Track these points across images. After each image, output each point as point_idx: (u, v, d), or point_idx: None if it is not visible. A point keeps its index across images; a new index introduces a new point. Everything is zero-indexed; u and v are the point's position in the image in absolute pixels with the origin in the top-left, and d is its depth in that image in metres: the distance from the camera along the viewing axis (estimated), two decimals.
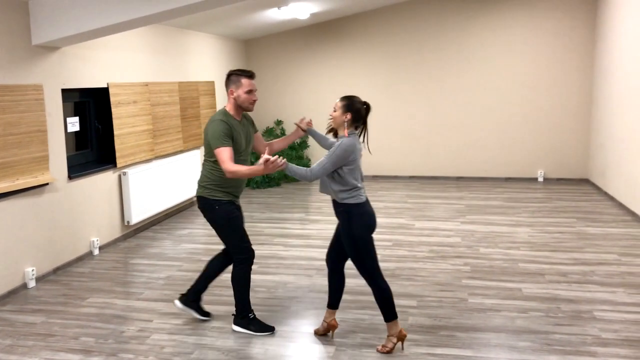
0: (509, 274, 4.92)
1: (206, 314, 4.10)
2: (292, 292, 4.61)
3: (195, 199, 4.52)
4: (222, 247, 3.99)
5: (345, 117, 3.39)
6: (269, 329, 3.87)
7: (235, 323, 3.90)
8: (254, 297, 4.44)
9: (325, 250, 5.60)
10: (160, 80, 7.03)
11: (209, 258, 5.47)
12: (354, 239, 3.42)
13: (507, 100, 9.09)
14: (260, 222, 6.92)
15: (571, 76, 8.89)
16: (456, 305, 4.29)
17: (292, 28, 9.57)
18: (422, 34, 9.23)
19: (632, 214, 6.77)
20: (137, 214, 6.38)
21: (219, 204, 3.71)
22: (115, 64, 6.15)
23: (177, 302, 4.06)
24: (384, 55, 9.44)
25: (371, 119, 3.54)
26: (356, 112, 3.40)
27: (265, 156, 3.24)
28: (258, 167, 3.30)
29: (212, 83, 8.42)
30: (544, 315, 4.07)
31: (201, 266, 5.30)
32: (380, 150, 9.62)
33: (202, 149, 8.14)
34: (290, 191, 8.82)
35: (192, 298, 4.05)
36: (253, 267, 3.92)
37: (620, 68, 7.45)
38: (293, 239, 6.13)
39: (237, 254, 3.81)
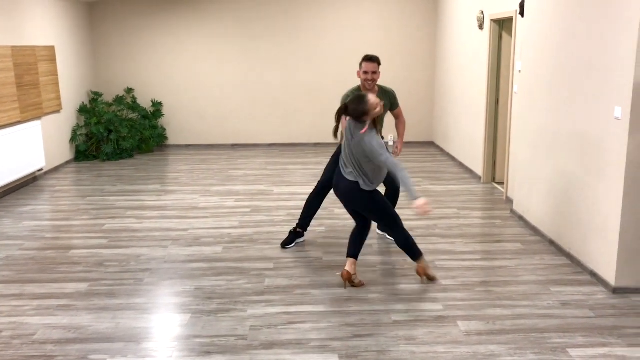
0: None
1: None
2: (145, 264, 4.47)
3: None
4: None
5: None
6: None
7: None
8: (104, 272, 4.28)
9: (181, 221, 5.52)
10: None
11: (54, 235, 5.16)
12: None
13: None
14: (110, 195, 6.58)
15: (417, 46, 9.37)
16: (311, 264, 4.42)
17: None
18: (275, 0, 9.21)
19: (470, 171, 7.37)
20: None
21: None
22: None
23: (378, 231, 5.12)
24: (237, 21, 9.28)
25: (231, 88, 3.48)
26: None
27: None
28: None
29: (52, 48, 7.77)
30: (391, 268, 4.32)
31: (45, 244, 4.98)
32: (239, 119, 9.54)
33: (56, 117, 7.56)
34: (144, 162, 8.47)
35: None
36: (104, 241, 4.77)
37: (458, 37, 7.99)
38: (147, 211, 5.92)
39: None
